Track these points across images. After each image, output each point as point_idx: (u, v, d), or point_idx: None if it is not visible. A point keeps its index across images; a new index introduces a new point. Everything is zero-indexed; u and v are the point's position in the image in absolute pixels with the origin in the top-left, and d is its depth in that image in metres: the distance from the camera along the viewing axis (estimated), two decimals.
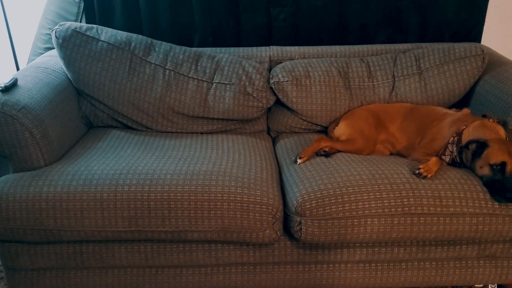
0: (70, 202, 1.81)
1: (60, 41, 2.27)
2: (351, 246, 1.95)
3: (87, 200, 1.81)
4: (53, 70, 2.29)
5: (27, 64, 2.63)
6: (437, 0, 2.62)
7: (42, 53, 2.58)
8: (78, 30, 2.30)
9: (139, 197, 1.82)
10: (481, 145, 1.89)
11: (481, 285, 2.15)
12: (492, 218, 1.84)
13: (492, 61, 2.41)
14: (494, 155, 1.85)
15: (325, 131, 2.43)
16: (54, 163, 1.99)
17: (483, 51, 2.37)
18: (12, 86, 1.96)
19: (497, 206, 1.84)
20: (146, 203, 1.81)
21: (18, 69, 2.69)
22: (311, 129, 2.47)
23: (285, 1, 2.60)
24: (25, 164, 1.92)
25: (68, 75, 2.32)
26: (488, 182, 1.86)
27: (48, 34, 2.56)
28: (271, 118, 2.50)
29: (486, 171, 1.87)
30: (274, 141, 2.45)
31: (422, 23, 2.68)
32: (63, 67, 2.32)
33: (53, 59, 2.39)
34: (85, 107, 2.37)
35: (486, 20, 2.72)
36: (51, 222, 1.81)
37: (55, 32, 2.28)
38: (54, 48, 2.39)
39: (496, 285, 2.14)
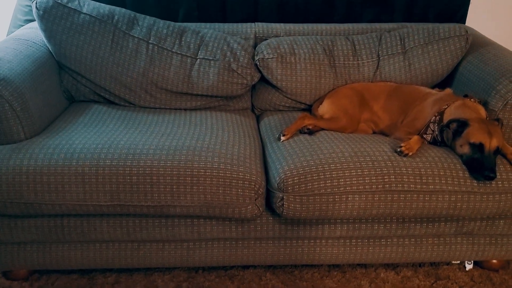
0: (51, 175, 1.79)
1: (41, 12, 2.22)
2: (332, 222, 1.97)
3: (68, 174, 1.79)
4: (33, 42, 2.25)
5: (6, 36, 2.57)
6: None
7: (22, 25, 2.52)
8: (59, 1, 2.25)
9: (121, 171, 1.81)
10: (462, 124, 1.92)
11: (458, 262, 2.20)
12: (470, 196, 1.88)
13: (476, 42, 2.42)
14: (474, 134, 1.88)
15: (309, 109, 2.43)
16: (35, 136, 1.96)
17: (466, 31, 2.38)
18: None
19: (476, 184, 1.88)
20: (128, 177, 1.81)
21: None
22: (295, 107, 2.47)
23: None
24: (5, 137, 1.89)
25: (49, 48, 2.28)
26: (468, 160, 1.89)
27: (28, 5, 2.49)
28: (256, 95, 2.49)
29: (466, 149, 1.90)
30: (258, 119, 2.45)
31: (408, 3, 2.68)
32: (44, 39, 2.27)
33: (34, 31, 2.34)
34: (66, 81, 2.33)
35: (471, 1, 2.72)
36: (31, 196, 1.80)
37: (36, 3, 2.23)
38: (34, 20, 2.35)
39: (472, 261, 2.18)
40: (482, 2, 2.76)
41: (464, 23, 2.76)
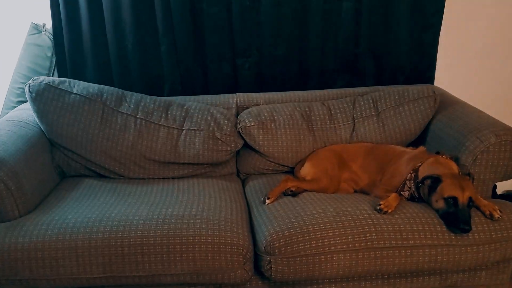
0: (45, 251, 1.85)
1: (34, 95, 2.34)
2: (320, 283, 2.02)
3: (62, 248, 1.85)
4: (26, 123, 2.35)
5: None
6: (390, 47, 2.80)
7: (14, 107, 2.63)
8: (51, 84, 2.37)
9: (113, 243, 1.87)
10: (435, 180, 2.02)
11: None
12: (449, 249, 1.96)
13: (444, 101, 2.56)
14: (447, 189, 1.97)
15: (291, 171, 2.53)
16: (29, 213, 2.02)
17: (434, 92, 2.52)
18: None
19: (453, 237, 1.96)
20: (120, 248, 1.87)
21: None
22: (278, 170, 2.56)
23: (249, 52, 2.74)
24: (0, 215, 1.96)
25: (41, 127, 2.38)
26: (443, 214, 1.99)
27: (21, 88, 2.60)
28: (240, 161, 2.59)
29: (441, 204, 2.00)
30: (243, 183, 2.53)
31: (378, 68, 2.85)
32: (36, 119, 2.38)
33: (26, 112, 2.45)
34: (58, 158, 2.42)
35: (437, 63, 2.90)
36: (26, 272, 1.84)
37: (29, 87, 2.35)
38: (26, 101, 2.45)
39: None
40: (447, 63, 2.94)
41: (433, 83, 2.92)
